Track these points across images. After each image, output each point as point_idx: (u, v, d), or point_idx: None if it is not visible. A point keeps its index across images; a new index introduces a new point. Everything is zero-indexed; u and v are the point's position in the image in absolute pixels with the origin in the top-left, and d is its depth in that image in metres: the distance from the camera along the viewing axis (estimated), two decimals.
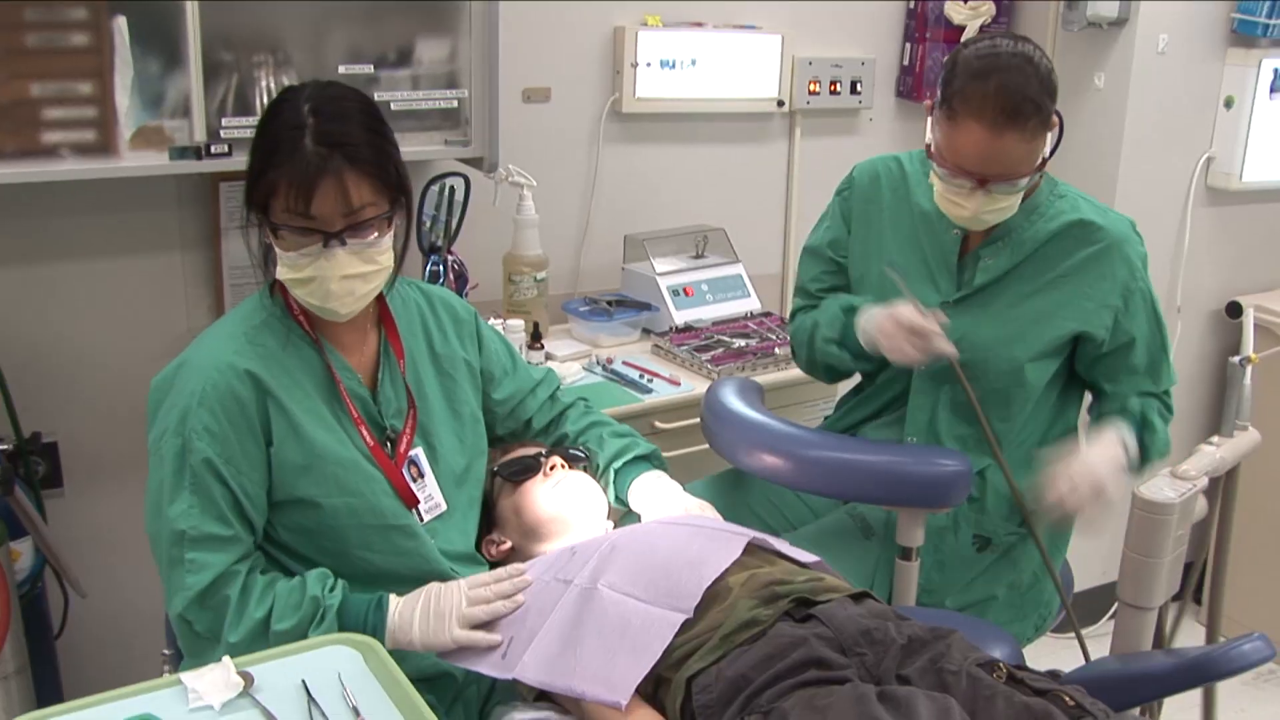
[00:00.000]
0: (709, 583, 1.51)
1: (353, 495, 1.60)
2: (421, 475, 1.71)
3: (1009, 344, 1.96)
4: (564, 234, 2.94)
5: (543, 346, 2.64)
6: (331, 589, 1.54)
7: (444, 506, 1.72)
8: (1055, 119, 1.83)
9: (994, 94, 1.75)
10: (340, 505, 1.59)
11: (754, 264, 3.08)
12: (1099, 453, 1.87)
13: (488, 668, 1.54)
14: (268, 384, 1.55)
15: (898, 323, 1.86)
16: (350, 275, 1.54)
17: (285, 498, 1.58)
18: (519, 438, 1.91)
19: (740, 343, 2.75)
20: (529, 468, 1.78)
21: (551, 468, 1.77)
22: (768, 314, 2.96)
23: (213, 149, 2.21)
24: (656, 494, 1.81)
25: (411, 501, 1.66)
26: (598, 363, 2.65)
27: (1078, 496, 1.81)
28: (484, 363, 1.86)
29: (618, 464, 1.86)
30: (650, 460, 1.89)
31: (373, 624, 1.52)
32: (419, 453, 1.71)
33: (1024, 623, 2.08)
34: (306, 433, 1.57)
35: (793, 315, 2.22)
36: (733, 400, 2.08)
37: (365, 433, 1.64)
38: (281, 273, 1.56)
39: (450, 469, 1.74)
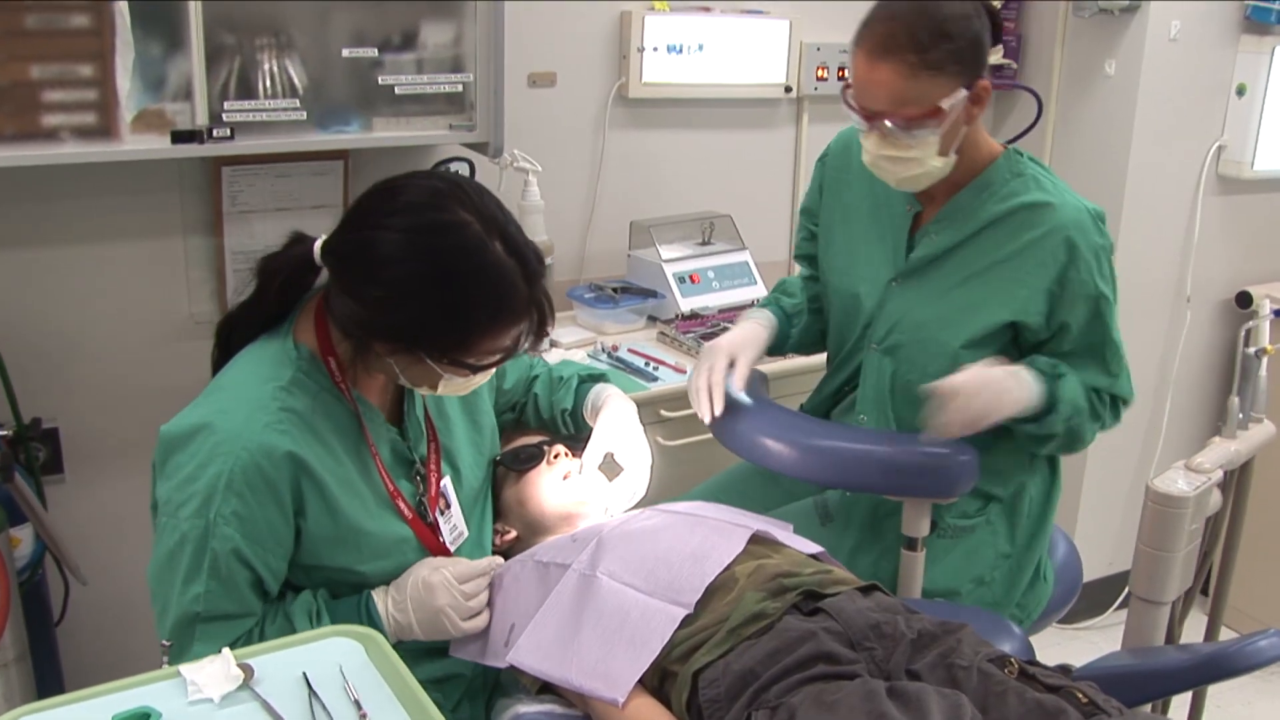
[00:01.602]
0: (711, 578, 1.49)
1: (385, 559, 1.55)
2: (449, 506, 1.66)
3: (941, 327, 1.90)
4: (569, 220, 2.91)
5: (548, 333, 2.61)
6: (318, 618, 1.50)
7: (466, 533, 1.69)
8: (960, 77, 1.74)
9: (878, 23, 1.75)
10: (372, 570, 1.55)
11: (760, 251, 3.06)
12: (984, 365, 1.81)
13: (489, 659, 1.52)
14: (304, 461, 1.46)
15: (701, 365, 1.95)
16: None
17: (314, 563, 1.52)
18: (523, 426, 1.89)
19: None
20: (532, 457, 1.76)
21: (555, 456, 1.76)
22: None
23: (215, 133, 2.18)
24: (620, 425, 1.81)
25: (444, 553, 1.62)
26: (603, 350, 2.63)
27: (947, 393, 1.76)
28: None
29: (574, 382, 1.90)
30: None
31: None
32: (446, 482, 1.67)
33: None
34: (340, 506, 1.50)
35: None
36: (737, 388, 2.06)
37: (400, 499, 1.58)
38: (443, 389, 1.51)
39: (471, 487, 1.72)
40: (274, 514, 1.45)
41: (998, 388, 1.78)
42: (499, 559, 1.60)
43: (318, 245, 1.51)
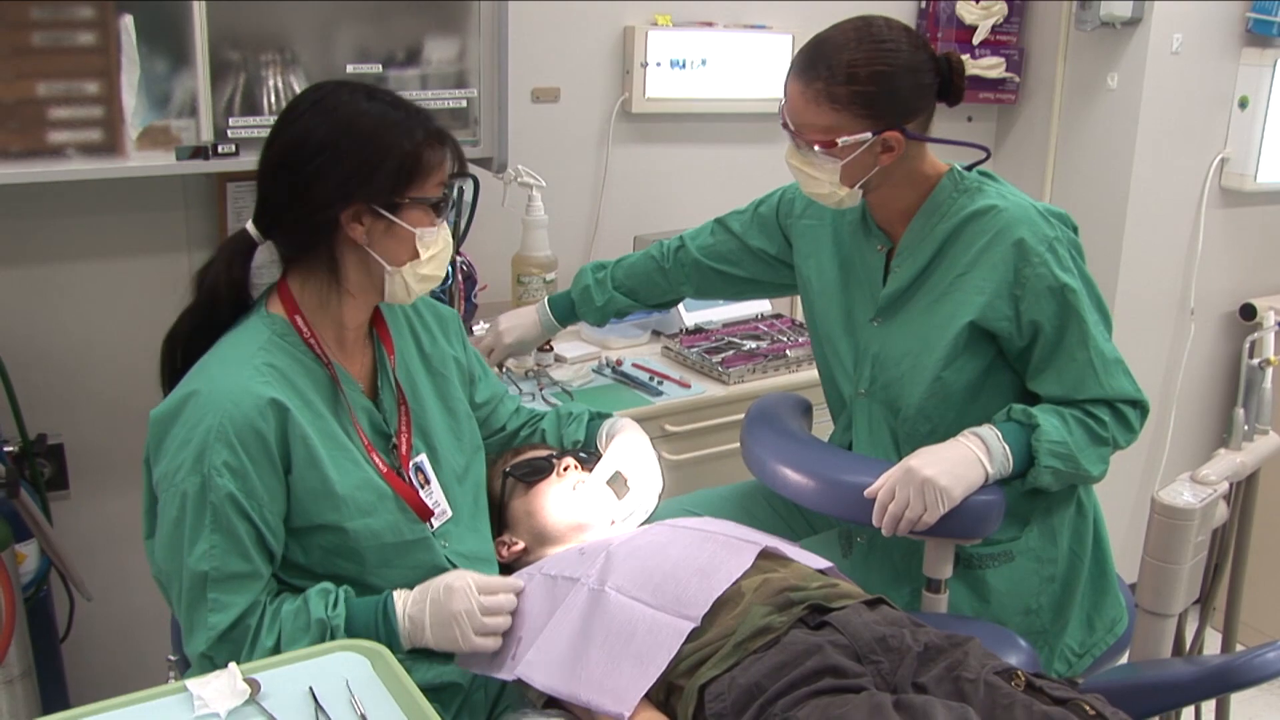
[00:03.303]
0: (719, 593, 1.48)
1: (371, 516, 1.57)
2: (428, 482, 1.68)
3: (918, 354, 1.87)
4: (573, 235, 2.92)
5: (551, 348, 2.62)
6: (334, 605, 1.51)
7: (450, 512, 1.70)
8: (865, 121, 1.74)
9: (813, 41, 1.80)
10: (361, 528, 1.55)
11: None
12: (927, 452, 1.77)
13: (494, 670, 1.52)
14: (287, 409, 1.50)
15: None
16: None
17: (305, 524, 1.54)
18: (495, 446, 1.90)
19: (751, 344, 2.72)
20: (541, 469, 1.76)
21: (565, 468, 1.76)
22: (778, 316, 2.93)
23: (220, 149, 2.19)
24: (634, 449, 1.83)
25: (425, 514, 1.64)
26: (607, 365, 2.63)
27: (902, 497, 1.73)
28: (469, 362, 1.86)
29: (585, 417, 1.94)
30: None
31: (385, 636, 1.50)
32: (423, 459, 1.69)
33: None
34: (323, 458, 1.54)
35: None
36: (768, 416, 2.05)
37: (375, 453, 1.61)
38: (423, 253, 1.58)
39: (452, 469, 1.73)
40: (265, 467, 1.49)
41: (921, 483, 1.72)
42: (519, 582, 1.59)
43: (249, 223, 1.60)
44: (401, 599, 1.53)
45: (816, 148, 1.77)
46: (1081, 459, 1.80)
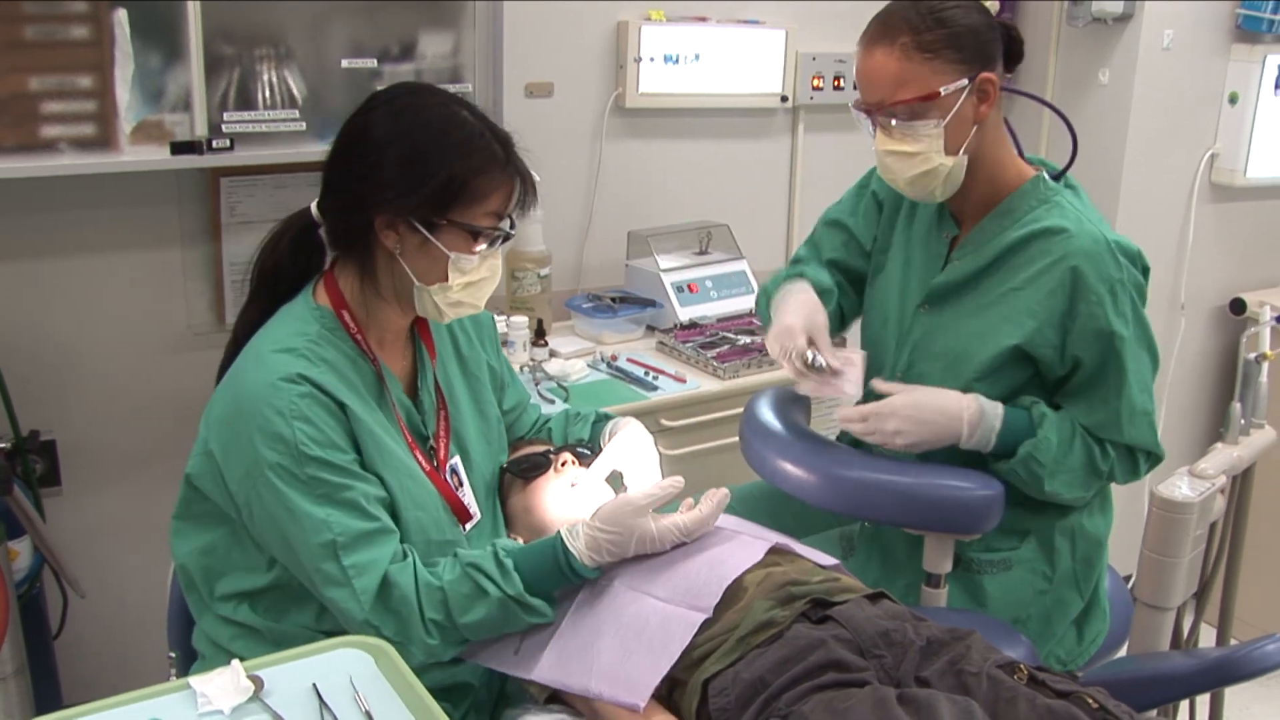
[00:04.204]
0: (729, 581, 1.48)
1: (421, 509, 1.55)
2: (461, 484, 1.67)
3: (956, 358, 1.86)
4: (567, 230, 2.91)
5: (547, 344, 2.62)
6: (505, 573, 1.48)
7: (479, 515, 1.69)
8: (959, 65, 1.73)
9: (876, 19, 1.78)
10: (413, 520, 1.54)
11: (757, 260, 3.06)
12: (913, 404, 1.80)
13: (502, 665, 1.52)
14: (342, 398, 1.48)
15: (782, 348, 1.83)
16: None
17: None
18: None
19: (746, 339, 2.72)
20: (539, 465, 1.75)
21: (563, 464, 1.75)
22: None
23: (214, 144, 2.18)
24: (634, 447, 1.77)
25: (465, 516, 1.63)
26: (602, 360, 2.63)
27: (868, 428, 1.78)
28: (501, 367, 1.85)
29: (591, 417, 1.91)
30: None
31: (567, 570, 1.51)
32: (457, 461, 1.68)
33: None
34: (383, 443, 1.53)
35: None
36: (766, 411, 2.03)
37: (417, 451, 1.60)
38: (453, 277, 1.53)
39: (482, 475, 1.72)
40: (345, 440, 1.47)
41: (918, 416, 1.79)
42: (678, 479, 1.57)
43: (313, 204, 1.58)
44: (569, 540, 1.51)
45: (914, 119, 1.75)
46: (1051, 482, 1.79)
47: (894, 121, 1.76)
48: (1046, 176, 1.86)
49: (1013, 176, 1.86)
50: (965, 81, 1.74)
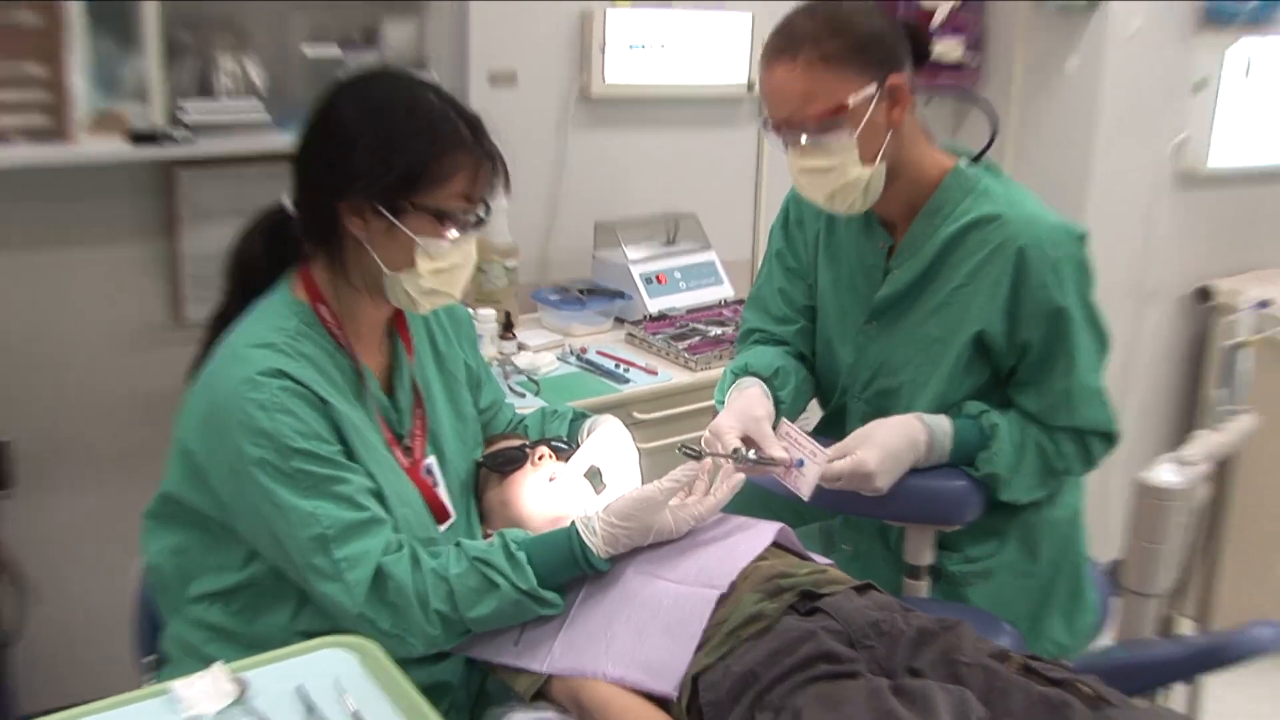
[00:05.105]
0: (744, 564, 1.49)
1: (407, 506, 1.55)
2: (437, 484, 1.66)
3: (920, 366, 1.85)
4: (532, 221, 2.90)
5: (514, 337, 2.61)
6: (515, 550, 1.48)
7: (454, 517, 1.68)
8: (865, 72, 1.69)
9: (776, 33, 1.76)
10: (400, 517, 1.53)
11: (726, 249, 3.07)
12: (877, 444, 1.75)
13: (501, 657, 1.51)
14: (323, 393, 1.47)
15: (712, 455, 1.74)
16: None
17: None
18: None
19: (716, 330, 2.73)
20: (516, 459, 1.74)
21: (540, 457, 1.74)
22: (740, 300, 2.94)
23: (175, 134, 2.15)
24: (614, 443, 1.77)
25: (444, 515, 1.62)
26: (571, 352, 2.62)
27: (844, 485, 1.73)
28: (478, 366, 1.84)
29: (569, 415, 1.90)
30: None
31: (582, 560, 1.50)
32: (433, 461, 1.67)
33: None
34: (368, 439, 1.52)
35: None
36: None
37: (396, 449, 1.59)
38: (422, 264, 1.52)
39: (457, 474, 1.71)
40: (328, 432, 1.46)
41: (895, 463, 1.74)
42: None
43: (284, 195, 1.57)
44: (584, 524, 1.51)
45: (822, 134, 1.71)
46: (1009, 490, 1.80)
47: (804, 138, 1.73)
48: (963, 166, 1.84)
49: (933, 172, 1.83)
50: (874, 88, 1.71)
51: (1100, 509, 3.49)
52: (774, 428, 1.79)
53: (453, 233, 1.52)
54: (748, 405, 1.81)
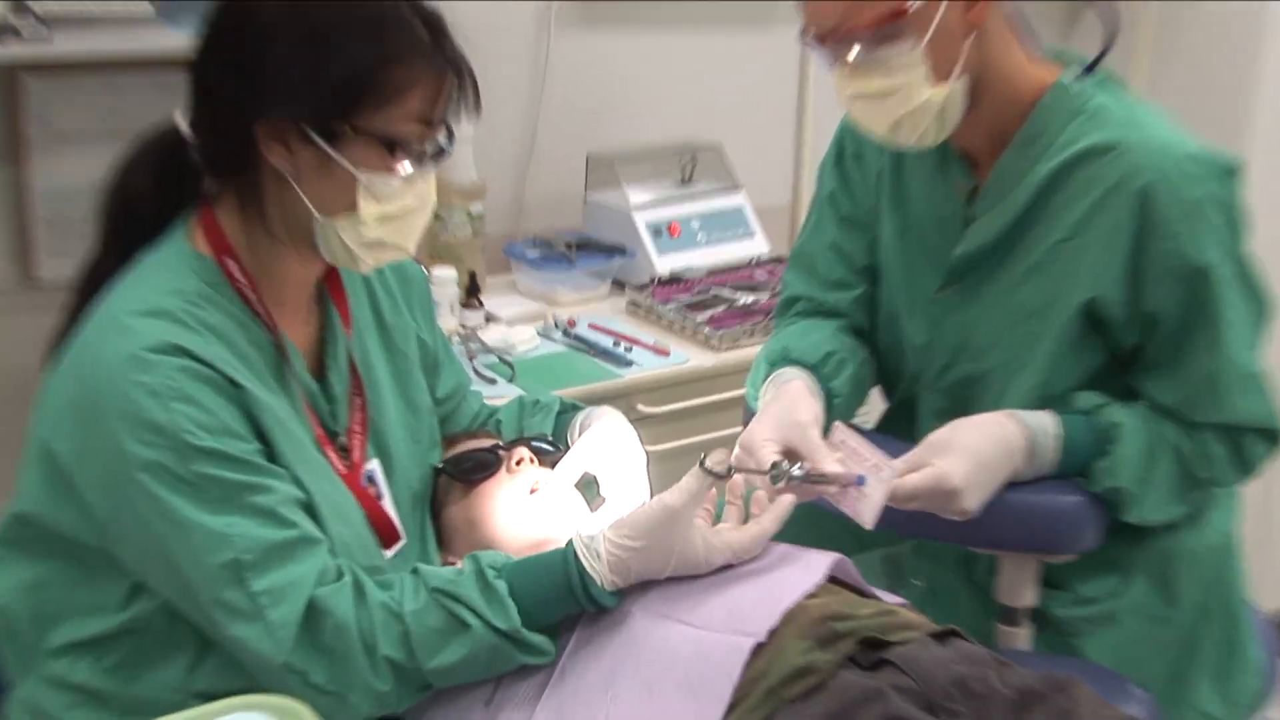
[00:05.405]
0: (787, 605, 1.48)
1: (345, 524, 1.55)
2: (381, 497, 1.67)
3: (1012, 346, 1.87)
4: (504, 154, 2.92)
5: (481, 305, 2.61)
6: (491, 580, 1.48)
7: (404, 537, 1.69)
8: None
9: None
10: (336, 537, 1.52)
11: (758, 193, 3.08)
12: (965, 452, 1.73)
13: None
14: (234, 375, 1.46)
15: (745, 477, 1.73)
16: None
17: None
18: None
19: (747, 298, 2.73)
20: (486, 464, 1.75)
21: (518, 462, 1.75)
22: (779, 259, 2.94)
23: (16, 27, 2.15)
24: (613, 443, 1.79)
25: (392, 536, 1.63)
26: (556, 326, 2.63)
27: (921, 504, 1.72)
28: (434, 342, 1.85)
29: (555, 407, 1.92)
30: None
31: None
32: (375, 466, 1.68)
33: None
34: (295, 435, 1.53)
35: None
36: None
37: (330, 448, 1.60)
38: (364, 207, 1.52)
39: (407, 483, 1.72)
40: (240, 425, 1.45)
41: (948, 501, 1.71)
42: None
43: (177, 114, 1.56)
44: (585, 545, 1.51)
45: (878, 47, 1.71)
46: (1139, 509, 1.80)
47: (856, 53, 1.73)
48: (1068, 80, 1.83)
49: (1029, 89, 1.83)
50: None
51: (1262, 534, 3.50)
52: (826, 434, 1.77)
53: (405, 166, 1.52)
54: (790, 407, 1.80)
